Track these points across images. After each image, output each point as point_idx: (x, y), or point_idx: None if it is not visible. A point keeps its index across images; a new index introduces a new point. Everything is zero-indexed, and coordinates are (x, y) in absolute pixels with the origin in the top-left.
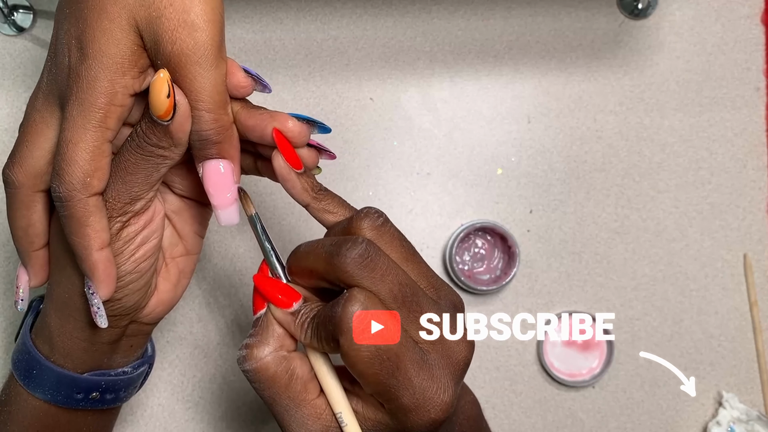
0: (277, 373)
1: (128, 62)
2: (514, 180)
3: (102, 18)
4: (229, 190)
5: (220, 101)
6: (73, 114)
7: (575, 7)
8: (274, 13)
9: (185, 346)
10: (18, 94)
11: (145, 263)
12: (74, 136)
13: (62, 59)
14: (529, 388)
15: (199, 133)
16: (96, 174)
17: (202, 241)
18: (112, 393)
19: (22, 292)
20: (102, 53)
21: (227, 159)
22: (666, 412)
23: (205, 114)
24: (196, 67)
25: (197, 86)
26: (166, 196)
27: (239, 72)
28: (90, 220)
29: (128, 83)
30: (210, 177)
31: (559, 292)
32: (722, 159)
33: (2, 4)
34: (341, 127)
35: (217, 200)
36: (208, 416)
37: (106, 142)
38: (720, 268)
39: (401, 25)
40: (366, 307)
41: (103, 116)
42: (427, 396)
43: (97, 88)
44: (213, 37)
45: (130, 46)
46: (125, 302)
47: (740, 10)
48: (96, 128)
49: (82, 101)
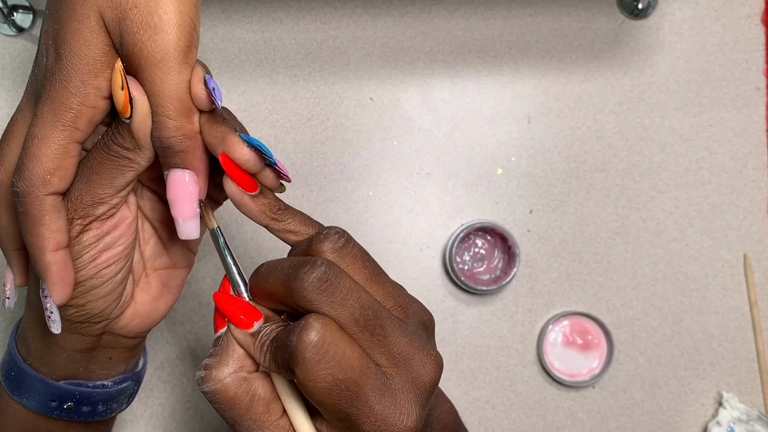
0: (237, 395)
1: (100, 63)
2: (514, 180)
3: (73, 18)
4: (189, 202)
5: (181, 108)
6: (44, 111)
7: (575, 7)
8: (274, 13)
9: (185, 345)
10: (18, 94)
11: (108, 269)
12: (40, 132)
13: (42, 59)
14: (529, 388)
15: (161, 140)
16: (57, 172)
17: (192, 257)
18: (87, 405)
19: (9, 290)
20: (74, 54)
21: (190, 170)
22: (666, 412)
23: (165, 120)
24: (156, 70)
25: (157, 90)
26: (155, 204)
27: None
28: (45, 219)
29: (101, 84)
30: (172, 186)
31: (559, 292)
32: (722, 159)
33: (2, 4)
34: (341, 127)
35: (176, 211)
36: (208, 416)
37: (74, 142)
38: (720, 268)
39: (401, 25)
40: (323, 336)
41: (73, 116)
42: (389, 422)
43: (69, 88)
44: (177, 41)
45: (101, 47)
46: (90, 309)
47: (740, 10)
48: (65, 127)
49: (53, 99)
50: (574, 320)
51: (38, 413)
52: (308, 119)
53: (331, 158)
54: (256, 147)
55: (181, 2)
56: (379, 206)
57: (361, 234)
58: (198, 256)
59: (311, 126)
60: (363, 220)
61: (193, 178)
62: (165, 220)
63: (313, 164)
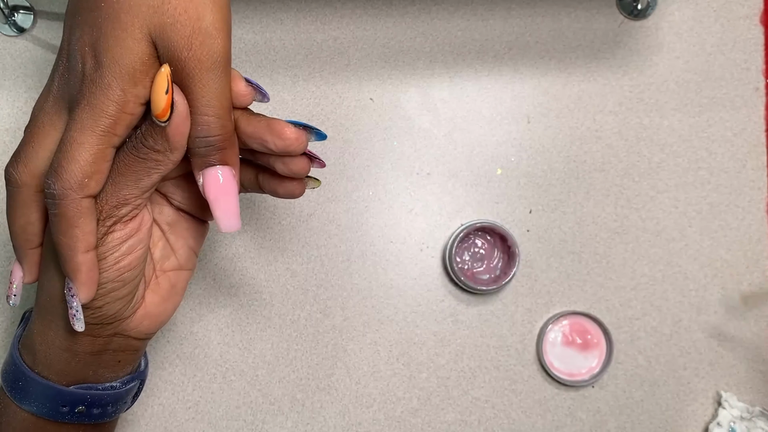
0: None
1: (140, 72)
2: (513, 180)
3: (116, 27)
4: (233, 197)
5: (227, 107)
6: (83, 117)
7: (575, 7)
8: (275, 13)
9: (185, 345)
10: (18, 94)
11: (129, 273)
12: (80, 137)
13: (76, 65)
14: (529, 387)
15: (207, 139)
16: (94, 176)
17: (195, 259)
18: (98, 407)
19: (15, 288)
20: (115, 62)
21: (229, 165)
22: (665, 412)
23: (214, 119)
24: (209, 73)
25: (209, 92)
26: (163, 207)
27: (241, 81)
28: (80, 221)
29: (140, 92)
30: (212, 184)
31: (559, 291)
32: (721, 159)
33: (3, 5)
34: (341, 128)
35: (221, 207)
36: (208, 416)
37: (111, 147)
38: (719, 267)
39: (401, 26)
40: None
41: (112, 123)
42: None
43: (109, 95)
44: (225, 45)
45: (141, 56)
46: (106, 310)
47: (739, 10)
48: (104, 133)
49: (93, 106)
50: (574, 320)
51: (48, 419)
52: (308, 119)
53: (331, 158)
54: (301, 126)
55: (222, 7)
56: (379, 206)
57: (361, 234)
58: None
59: None
60: (363, 220)
61: (231, 172)
62: (172, 223)
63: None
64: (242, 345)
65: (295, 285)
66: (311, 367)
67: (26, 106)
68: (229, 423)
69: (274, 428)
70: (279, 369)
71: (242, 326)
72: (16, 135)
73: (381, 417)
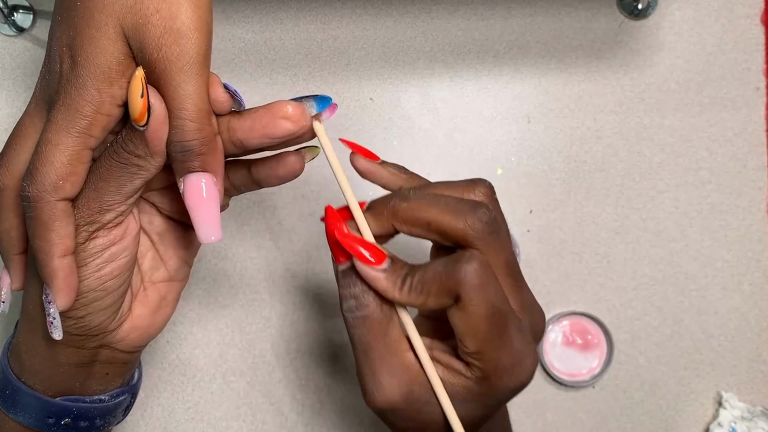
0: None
1: (115, 72)
2: (513, 180)
3: (90, 26)
4: (211, 205)
5: (204, 110)
6: (58, 118)
7: (575, 7)
8: (274, 13)
9: (185, 346)
10: (18, 94)
11: (112, 282)
12: (54, 138)
13: (54, 66)
14: (529, 387)
15: (183, 143)
16: (70, 178)
17: (188, 269)
18: (85, 420)
19: (4, 294)
20: (90, 62)
21: (210, 172)
22: (666, 412)
23: (188, 123)
24: (181, 74)
25: (181, 94)
26: (153, 217)
27: (219, 86)
28: (56, 224)
29: (116, 93)
30: (191, 191)
31: (559, 291)
32: (722, 159)
33: (2, 5)
34: (341, 128)
35: (198, 215)
36: (208, 416)
37: (87, 149)
38: (720, 268)
39: (401, 25)
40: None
41: (88, 124)
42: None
43: (85, 95)
44: (199, 45)
45: (117, 55)
46: (89, 321)
47: (740, 10)
48: (79, 134)
49: (68, 106)
50: (574, 320)
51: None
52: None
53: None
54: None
55: (199, 7)
56: None
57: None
58: (198, 256)
59: None
60: None
61: (212, 180)
62: (162, 233)
63: (314, 164)
64: (242, 345)
65: (295, 285)
66: (311, 367)
67: (25, 105)
68: (229, 423)
69: (274, 428)
70: (279, 369)
71: (242, 326)
72: None
73: None
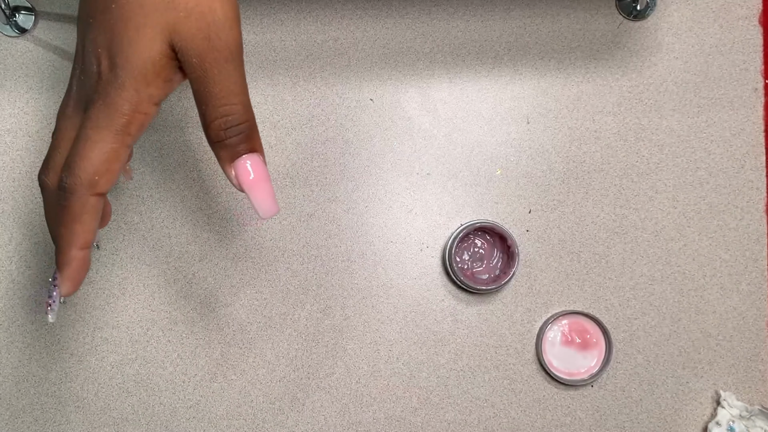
0: None
1: (153, 72)
2: (513, 180)
3: (128, 27)
4: (265, 182)
5: (248, 95)
6: (98, 116)
7: (574, 8)
8: (275, 14)
9: (186, 345)
10: (19, 95)
11: None
12: (94, 135)
13: (90, 67)
14: (528, 387)
15: (238, 127)
16: (105, 175)
17: None
18: None
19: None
20: (128, 63)
21: (256, 151)
22: (664, 411)
23: (240, 107)
24: (228, 63)
25: (233, 81)
26: None
27: None
28: (84, 217)
29: (153, 92)
30: (244, 174)
31: (558, 291)
32: (720, 159)
33: (4, 6)
34: (341, 128)
35: (255, 195)
36: (209, 415)
37: (125, 146)
38: (718, 267)
39: (401, 27)
40: None
41: (126, 122)
42: None
43: (123, 95)
44: (239, 34)
45: (154, 56)
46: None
47: (738, 11)
48: (118, 132)
49: (108, 105)
50: (573, 319)
51: None
52: (309, 120)
53: (332, 158)
54: None
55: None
56: (379, 206)
57: (362, 234)
58: (199, 256)
59: (312, 127)
60: (363, 220)
61: (261, 159)
62: None
63: (314, 164)
64: (243, 344)
65: (295, 285)
66: (311, 366)
67: (27, 106)
68: (230, 422)
69: (274, 428)
70: (279, 368)
71: (243, 326)
72: (17, 135)
73: (381, 416)
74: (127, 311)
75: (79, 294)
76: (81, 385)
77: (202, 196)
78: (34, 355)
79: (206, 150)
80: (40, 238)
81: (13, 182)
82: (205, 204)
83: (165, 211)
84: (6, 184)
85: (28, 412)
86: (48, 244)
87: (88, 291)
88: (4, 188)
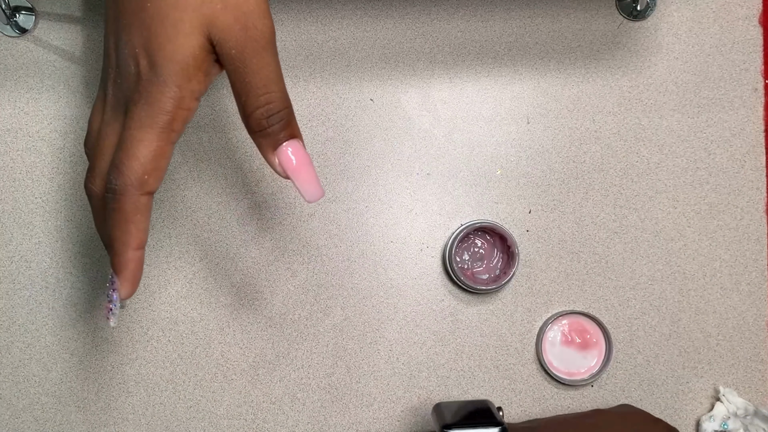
0: None
1: (193, 68)
2: (513, 180)
3: (165, 25)
4: (308, 166)
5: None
6: (141, 115)
7: (574, 8)
8: (275, 14)
9: (186, 345)
10: (20, 95)
11: None
12: (139, 134)
13: (128, 68)
14: (528, 387)
15: (279, 114)
16: (154, 173)
17: None
18: None
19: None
20: (168, 60)
21: (297, 137)
22: (664, 411)
23: (279, 95)
24: (266, 52)
25: (271, 69)
26: None
27: None
28: (137, 217)
29: (194, 87)
30: (287, 161)
31: (558, 291)
32: (720, 159)
33: (4, 6)
34: (341, 128)
35: (300, 180)
36: (209, 415)
37: (170, 143)
38: (718, 267)
39: (401, 27)
40: None
41: (170, 119)
42: None
43: (166, 92)
44: (272, 23)
45: (193, 51)
46: None
47: (738, 11)
48: (162, 130)
49: (150, 104)
50: (573, 319)
51: None
52: (309, 120)
53: (332, 158)
54: None
55: None
56: (379, 206)
57: (362, 234)
58: (199, 256)
59: (312, 127)
60: (363, 220)
61: (301, 144)
62: None
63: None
64: (243, 344)
65: (296, 285)
66: (312, 366)
67: (27, 106)
68: (230, 422)
69: (274, 427)
70: (280, 368)
71: (243, 326)
72: (17, 135)
73: (381, 416)
74: (126, 311)
75: (79, 294)
76: (81, 385)
77: (202, 196)
78: (34, 355)
79: (206, 150)
80: (40, 238)
81: (13, 182)
82: (205, 204)
83: (165, 212)
84: (6, 184)
85: (28, 412)
86: (48, 244)
87: (88, 291)
88: (4, 188)
